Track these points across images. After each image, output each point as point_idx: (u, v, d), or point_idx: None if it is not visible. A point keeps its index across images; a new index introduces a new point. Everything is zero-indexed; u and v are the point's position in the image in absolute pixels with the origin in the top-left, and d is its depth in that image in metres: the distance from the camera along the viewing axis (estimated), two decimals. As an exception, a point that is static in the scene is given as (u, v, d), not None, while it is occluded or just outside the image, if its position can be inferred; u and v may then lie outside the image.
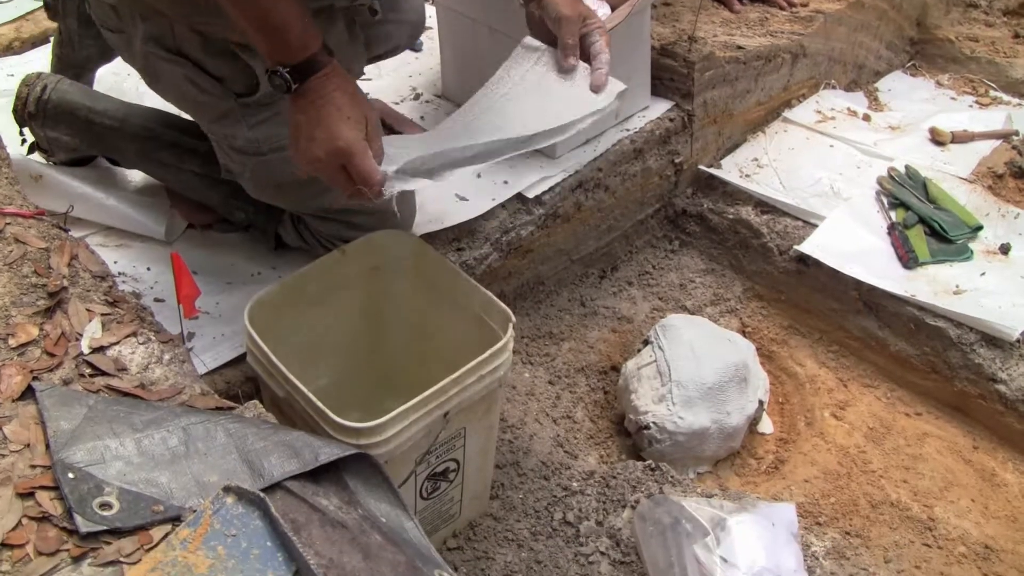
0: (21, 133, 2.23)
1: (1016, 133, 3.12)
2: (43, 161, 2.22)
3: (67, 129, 2.17)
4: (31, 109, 2.17)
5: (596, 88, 1.86)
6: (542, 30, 1.91)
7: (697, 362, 2.21)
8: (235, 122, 1.89)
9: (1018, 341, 2.31)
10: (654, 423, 2.16)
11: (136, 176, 2.29)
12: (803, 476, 2.24)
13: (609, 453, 2.25)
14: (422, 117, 2.68)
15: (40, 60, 2.73)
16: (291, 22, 1.58)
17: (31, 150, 2.23)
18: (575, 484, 2.04)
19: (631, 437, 2.27)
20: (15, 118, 2.20)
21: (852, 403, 2.44)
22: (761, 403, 2.29)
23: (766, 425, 2.38)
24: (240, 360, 1.89)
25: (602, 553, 1.89)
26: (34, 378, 1.36)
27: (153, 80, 1.94)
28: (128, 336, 1.51)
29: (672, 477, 2.04)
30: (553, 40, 1.89)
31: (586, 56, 1.88)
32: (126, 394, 1.40)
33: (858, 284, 2.51)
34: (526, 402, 2.29)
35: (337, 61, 1.64)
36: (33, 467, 1.21)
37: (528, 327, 2.53)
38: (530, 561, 1.88)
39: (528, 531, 1.95)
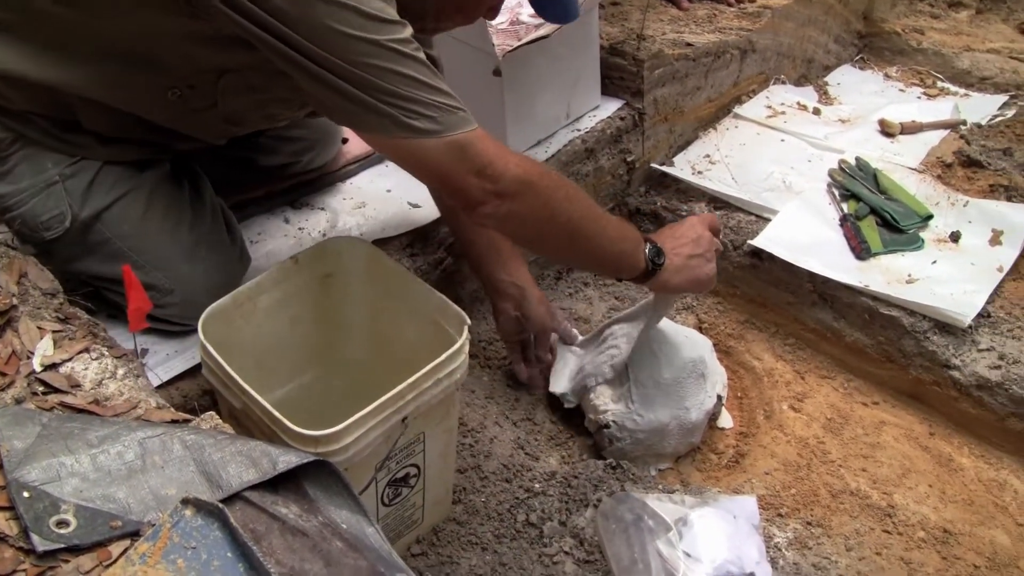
0: None
1: (964, 123, 3.17)
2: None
3: None
4: None
5: None
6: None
7: (654, 359, 2.22)
8: None
9: (970, 327, 2.33)
10: (614, 422, 2.17)
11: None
12: (763, 468, 2.25)
13: (570, 453, 2.26)
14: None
15: None
16: (623, 250, 1.92)
17: None
18: (537, 485, 2.05)
19: (592, 437, 2.27)
20: None
21: (810, 395, 2.46)
22: (720, 398, 2.30)
23: (725, 420, 2.39)
24: (196, 372, 1.88)
25: (566, 553, 1.89)
26: (-14, 398, 1.35)
27: None
28: (81, 352, 1.50)
29: (633, 475, 2.05)
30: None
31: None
32: (80, 410, 1.38)
33: (812, 276, 2.53)
34: (485, 405, 2.29)
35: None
36: (-13, 488, 1.20)
37: (486, 330, 2.53)
38: (495, 564, 1.88)
39: (492, 534, 1.95)
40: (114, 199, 1.87)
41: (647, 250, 1.94)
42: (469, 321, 1.69)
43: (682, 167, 2.93)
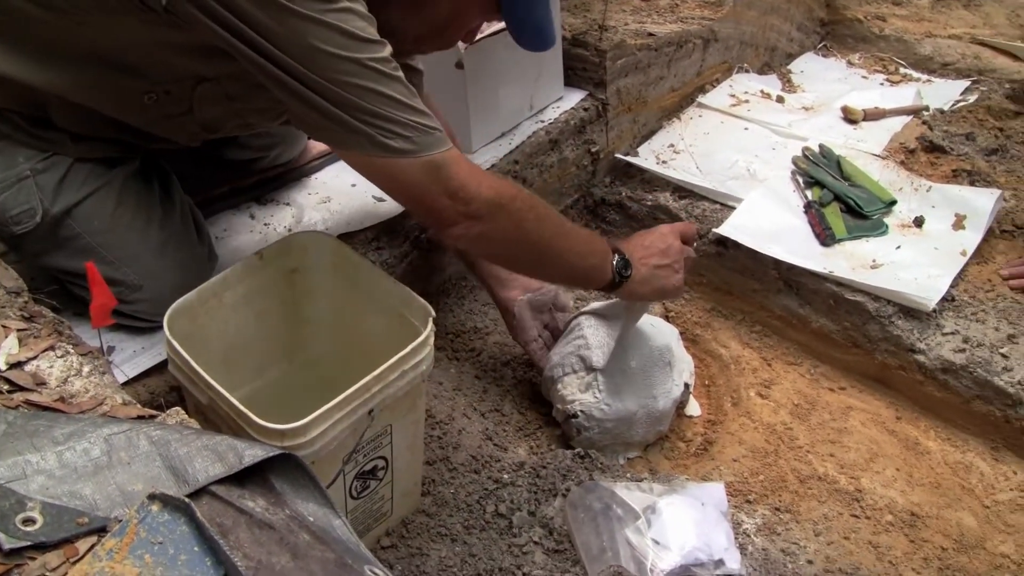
0: None
1: (926, 108, 3.20)
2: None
3: None
4: None
5: None
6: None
7: (621, 349, 2.23)
8: None
9: (935, 311, 2.35)
10: (581, 411, 2.17)
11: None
12: (731, 456, 2.26)
13: (539, 444, 2.26)
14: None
15: None
16: (592, 264, 1.97)
17: None
18: (506, 476, 2.05)
19: (560, 427, 2.28)
20: None
21: (777, 381, 2.47)
22: (687, 386, 2.31)
23: (693, 408, 2.40)
24: (163, 369, 1.87)
25: (535, 543, 1.90)
26: (-51, 398, 1.34)
27: None
28: (46, 350, 1.49)
29: (602, 464, 2.06)
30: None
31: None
32: (46, 408, 1.38)
33: (777, 263, 2.54)
34: (453, 397, 2.29)
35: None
36: (-49, 487, 1.19)
37: (452, 323, 2.53)
38: (464, 555, 1.89)
39: (461, 525, 1.95)
40: (85, 195, 1.87)
41: (615, 262, 1.97)
42: (434, 313, 1.69)
43: (646, 157, 2.94)
